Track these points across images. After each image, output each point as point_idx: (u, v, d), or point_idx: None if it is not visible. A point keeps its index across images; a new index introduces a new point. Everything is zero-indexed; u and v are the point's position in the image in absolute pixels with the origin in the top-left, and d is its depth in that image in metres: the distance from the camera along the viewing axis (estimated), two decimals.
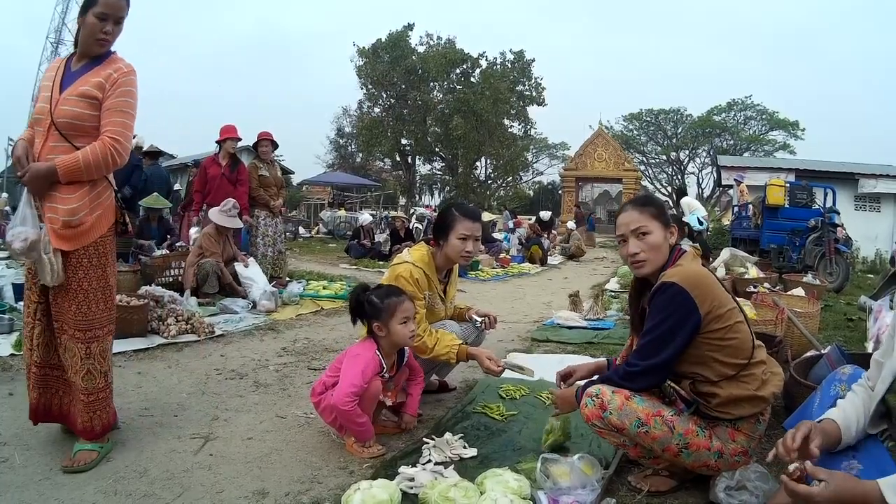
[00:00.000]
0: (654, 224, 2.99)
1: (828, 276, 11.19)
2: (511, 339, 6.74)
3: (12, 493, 2.96)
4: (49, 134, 3.25)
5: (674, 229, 3.04)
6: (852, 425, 2.31)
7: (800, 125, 52.28)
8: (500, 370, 3.87)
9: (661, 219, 3.01)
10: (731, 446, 2.81)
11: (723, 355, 2.79)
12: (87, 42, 3.32)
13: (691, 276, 2.82)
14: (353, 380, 3.40)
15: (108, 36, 3.33)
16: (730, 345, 2.79)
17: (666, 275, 2.87)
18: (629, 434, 2.84)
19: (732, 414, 2.80)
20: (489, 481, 2.85)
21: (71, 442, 3.43)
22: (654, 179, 59.87)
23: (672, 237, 3.03)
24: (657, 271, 2.99)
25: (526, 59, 42.13)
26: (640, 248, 2.99)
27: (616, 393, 2.85)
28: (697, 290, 2.78)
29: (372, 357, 3.52)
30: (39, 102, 3.29)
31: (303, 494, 3.01)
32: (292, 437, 3.77)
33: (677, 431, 2.80)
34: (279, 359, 5.68)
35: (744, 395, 2.77)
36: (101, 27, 3.27)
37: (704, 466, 2.85)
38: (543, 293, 11.09)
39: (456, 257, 4.16)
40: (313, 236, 25.80)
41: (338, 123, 54.20)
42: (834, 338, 6.28)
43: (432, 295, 4.14)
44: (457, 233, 4.10)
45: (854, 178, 24.41)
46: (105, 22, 3.27)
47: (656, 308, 2.85)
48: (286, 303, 8.35)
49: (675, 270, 2.88)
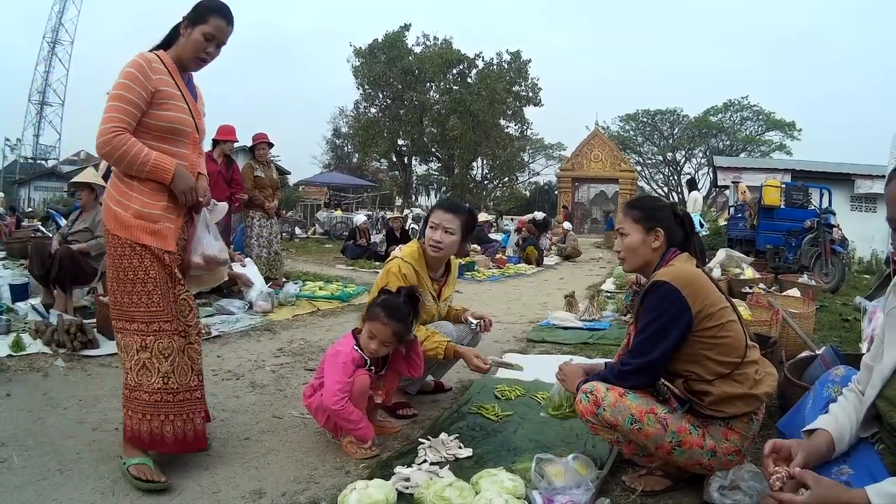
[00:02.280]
0: (632, 227, 3.14)
1: (824, 276, 11.21)
2: (507, 339, 6.76)
3: (10, 493, 2.97)
4: (195, 147, 3.46)
5: (658, 233, 3.09)
6: (846, 434, 2.31)
7: (796, 126, 52.44)
8: (487, 367, 3.96)
9: (645, 223, 3.11)
10: (724, 445, 2.82)
11: (715, 353, 2.81)
12: (187, 56, 3.29)
13: (683, 276, 2.87)
14: (336, 377, 3.43)
15: (209, 57, 3.33)
16: (722, 343, 2.82)
17: (657, 274, 2.94)
18: (623, 431, 2.85)
19: (726, 412, 2.81)
20: (484, 481, 2.87)
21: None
22: (650, 180, 59.97)
23: (657, 241, 3.09)
24: (645, 270, 3.14)
25: (522, 59, 42.10)
26: (620, 247, 3.21)
27: (610, 390, 2.88)
28: (689, 288, 2.82)
29: (350, 351, 3.54)
30: (178, 113, 3.27)
31: (299, 494, 3.02)
32: (289, 437, 3.79)
33: (670, 429, 2.81)
34: (276, 359, 5.69)
35: (737, 393, 2.78)
36: (205, 47, 3.27)
37: (697, 465, 2.86)
38: (539, 294, 11.10)
39: (428, 248, 4.22)
40: (309, 237, 25.77)
41: (334, 124, 54.21)
42: (829, 338, 6.31)
43: (423, 292, 4.15)
44: (429, 223, 4.22)
45: (850, 178, 24.40)
46: (210, 43, 3.27)
47: (648, 307, 2.90)
48: (282, 303, 8.35)
49: (667, 270, 2.94)
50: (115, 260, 3.22)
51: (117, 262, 3.20)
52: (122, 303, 3.21)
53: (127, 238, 3.17)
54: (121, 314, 3.23)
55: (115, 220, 3.20)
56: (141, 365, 3.15)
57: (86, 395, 4.40)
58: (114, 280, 3.25)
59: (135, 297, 3.18)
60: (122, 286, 3.21)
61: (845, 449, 2.31)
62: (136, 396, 3.14)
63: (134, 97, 3.10)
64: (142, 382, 3.14)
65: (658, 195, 48.83)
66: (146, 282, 3.19)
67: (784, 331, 5.25)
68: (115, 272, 3.23)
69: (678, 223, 3.15)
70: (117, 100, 3.09)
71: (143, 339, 3.17)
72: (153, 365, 3.16)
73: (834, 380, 2.69)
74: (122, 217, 3.18)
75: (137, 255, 3.18)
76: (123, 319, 3.22)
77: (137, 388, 3.14)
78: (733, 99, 54.25)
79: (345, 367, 3.46)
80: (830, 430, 2.31)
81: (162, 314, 3.21)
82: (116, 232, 3.19)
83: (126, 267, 3.19)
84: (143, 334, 3.17)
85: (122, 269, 3.20)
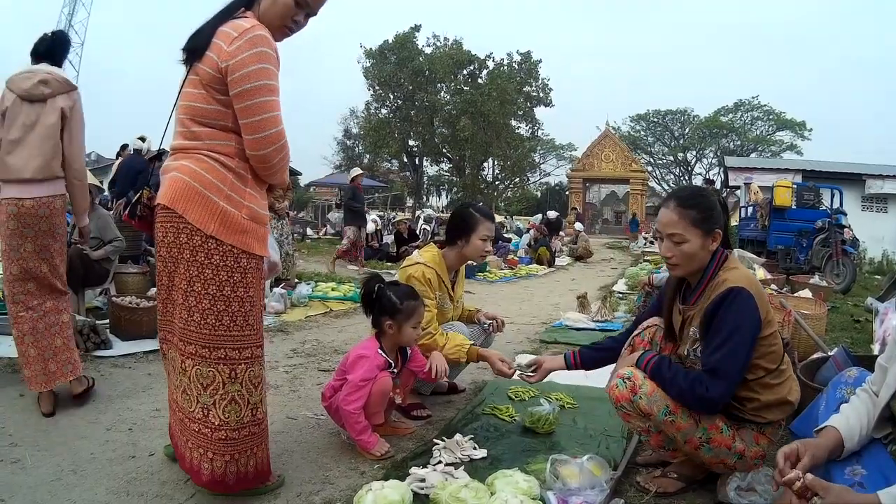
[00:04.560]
0: (691, 232, 2.83)
1: (835, 277, 11.19)
2: (519, 340, 6.77)
3: (24, 493, 2.98)
4: None
5: (717, 234, 2.87)
6: (856, 433, 2.30)
7: (806, 125, 52.26)
8: (511, 372, 3.84)
9: (704, 225, 2.84)
10: (753, 449, 2.81)
11: (766, 361, 2.77)
12: (273, 23, 2.79)
13: (751, 281, 2.79)
14: (358, 378, 3.42)
15: (296, 27, 2.89)
16: (772, 351, 2.79)
17: (730, 279, 2.76)
18: (656, 421, 2.83)
19: (765, 418, 2.80)
20: (499, 482, 2.87)
21: None
22: (661, 180, 59.85)
23: (714, 243, 2.88)
24: (695, 274, 2.93)
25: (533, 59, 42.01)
26: (674, 253, 2.89)
27: (647, 378, 2.84)
28: (759, 295, 2.74)
29: (375, 355, 3.54)
30: None
31: (314, 495, 3.03)
32: (303, 438, 3.80)
33: (702, 425, 2.80)
34: (289, 360, 5.72)
35: (777, 399, 2.79)
36: (295, 14, 2.82)
37: (721, 464, 2.85)
38: (551, 294, 11.11)
39: (476, 257, 4.28)
40: (321, 238, 25.79)
41: (345, 125, 54.33)
42: (841, 340, 6.29)
43: (442, 295, 4.19)
44: (479, 234, 4.21)
45: (861, 178, 24.27)
46: (300, 9, 2.82)
47: (726, 318, 2.70)
48: (295, 304, 8.39)
49: (738, 275, 2.78)
50: (211, 272, 2.72)
51: (214, 274, 2.72)
52: (209, 325, 2.73)
53: (237, 246, 2.74)
54: (202, 338, 2.73)
55: (221, 222, 2.71)
56: (229, 399, 2.76)
57: (99, 396, 4.41)
58: (200, 295, 2.73)
59: (228, 318, 2.75)
60: (214, 304, 2.72)
61: (855, 448, 2.31)
62: (222, 436, 2.76)
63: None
64: (229, 420, 2.76)
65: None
66: (244, 300, 2.78)
67: (796, 332, 5.24)
68: (205, 286, 2.72)
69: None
70: (277, 94, 2.72)
71: (233, 370, 2.77)
72: (243, 397, 2.79)
73: (847, 381, 2.68)
74: (233, 218, 2.73)
75: (241, 268, 2.76)
76: (200, 345, 2.74)
77: (224, 426, 2.75)
78: (744, 99, 54.34)
79: (369, 370, 3.46)
80: (840, 428, 2.31)
81: (256, 338, 2.85)
82: (222, 237, 2.71)
83: (224, 281, 2.73)
84: (234, 363, 2.77)
85: (219, 285, 2.73)
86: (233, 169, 2.76)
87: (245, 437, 2.82)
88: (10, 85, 4.04)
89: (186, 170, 2.74)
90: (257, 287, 2.84)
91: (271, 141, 2.70)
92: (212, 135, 2.75)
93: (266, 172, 2.82)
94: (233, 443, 2.78)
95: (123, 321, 5.96)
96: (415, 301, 3.64)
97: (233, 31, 2.66)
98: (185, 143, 2.80)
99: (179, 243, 2.73)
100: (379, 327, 3.65)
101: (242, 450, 2.81)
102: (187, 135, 2.79)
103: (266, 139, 2.69)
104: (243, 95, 2.64)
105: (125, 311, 5.99)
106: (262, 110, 2.66)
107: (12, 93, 4.01)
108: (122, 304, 6.07)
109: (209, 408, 2.75)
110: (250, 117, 2.67)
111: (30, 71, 4.08)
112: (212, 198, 2.70)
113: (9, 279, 4.07)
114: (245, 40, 2.63)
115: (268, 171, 2.81)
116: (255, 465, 2.88)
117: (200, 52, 2.71)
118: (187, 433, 2.83)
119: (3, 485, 3.05)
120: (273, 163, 2.77)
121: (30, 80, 4.02)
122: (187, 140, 2.79)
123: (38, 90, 4.02)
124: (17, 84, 4.02)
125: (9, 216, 3.98)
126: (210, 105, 2.73)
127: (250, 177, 2.81)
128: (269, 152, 2.72)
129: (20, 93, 4.01)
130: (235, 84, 2.63)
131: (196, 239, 2.70)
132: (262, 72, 2.65)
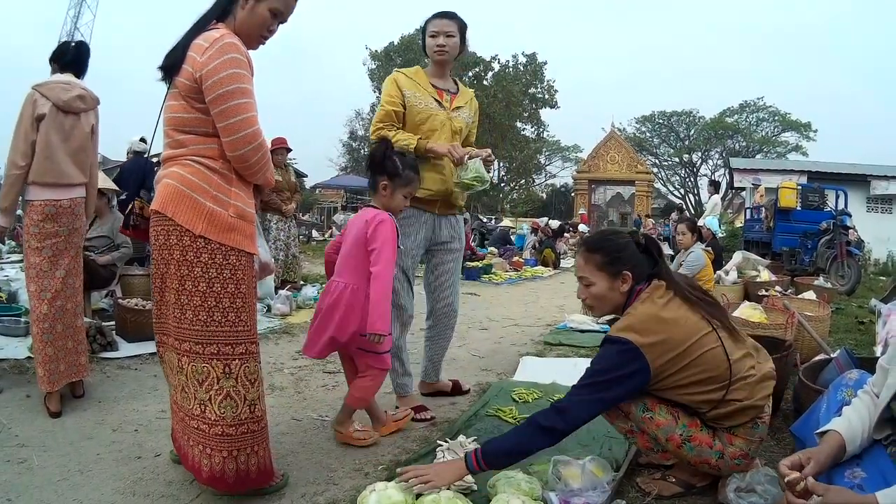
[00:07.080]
0: (597, 276, 2.95)
1: (839, 278, 11.16)
2: (524, 342, 6.77)
3: (31, 493, 3.00)
4: None
5: (626, 277, 2.91)
6: (857, 437, 2.31)
7: (812, 126, 52.13)
8: (460, 155, 4.00)
9: (609, 268, 2.93)
10: (730, 449, 2.80)
11: (699, 388, 2.75)
12: (250, 34, 2.91)
13: (644, 322, 2.75)
14: (388, 253, 3.57)
15: (270, 35, 3.01)
16: (702, 378, 2.74)
17: (616, 328, 2.80)
18: (635, 419, 2.84)
19: (727, 424, 2.80)
20: (501, 483, 2.88)
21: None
22: (666, 182, 59.78)
23: (625, 284, 2.92)
24: (617, 313, 2.98)
25: (538, 61, 42.09)
26: (586, 295, 3.04)
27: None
28: (651, 336, 2.71)
29: (389, 220, 3.66)
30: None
31: (319, 496, 3.04)
32: (308, 439, 3.82)
33: (681, 422, 2.80)
34: (294, 362, 5.73)
35: (733, 409, 2.76)
36: (270, 24, 2.94)
37: (706, 464, 2.84)
38: (556, 296, 11.12)
39: (432, 54, 4.31)
40: (327, 239, 25.81)
41: (350, 126, 54.28)
42: (844, 341, 6.28)
43: (421, 96, 4.24)
44: (428, 33, 4.31)
45: (866, 179, 24.17)
46: (275, 20, 2.94)
47: (601, 357, 2.79)
48: (301, 306, 8.39)
49: (627, 323, 2.80)
50: (200, 270, 2.80)
51: (203, 272, 2.80)
52: (201, 321, 2.80)
53: (225, 244, 2.83)
54: (195, 335, 2.81)
55: (209, 221, 2.80)
56: (224, 395, 2.83)
57: (105, 397, 4.45)
58: (192, 293, 2.81)
59: (220, 314, 2.81)
60: (205, 301, 2.80)
61: (857, 451, 2.32)
62: (219, 431, 2.81)
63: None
64: (225, 415, 2.81)
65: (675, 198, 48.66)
66: (235, 296, 2.85)
67: (799, 334, 5.25)
68: (195, 284, 2.80)
69: (643, 250, 3.01)
70: (250, 96, 2.82)
71: (227, 365, 2.83)
72: (239, 393, 2.85)
73: (848, 383, 2.69)
74: (220, 217, 2.82)
75: (231, 265, 2.84)
76: (194, 341, 2.82)
77: (220, 421, 2.81)
78: (749, 100, 54.03)
79: (393, 241, 3.61)
80: (842, 432, 2.32)
81: (249, 334, 2.90)
82: (210, 235, 2.80)
83: (213, 278, 2.80)
84: (227, 358, 2.83)
85: (209, 281, 2.80)
86: (217, 170, 2.86)
87: (243, 434, 2.86)
88: (45, 92, 4.14)
89: (175, 175, 2.85)
90: (248, 284, 2.92)
91: (247, 141, 2.80)
92: (195, 140, 2.86)
93: (247, 172, 2.92)
94: (230, 439, 2.82)
95: (129, 323, 5.99)
96: (415, 174, 3.80)
97: (204, 42, 2.78)
98: (172, 153, 2.91)
99: (170, 245, 2.83)
100: (374, 188, 3.79)
101: (241, 447, 2.85)
102: (173, 144, 2.91)
103: (242, 139, 2.79)
104: (218, 100, 2.75)
105: (131, 313, 6.02)
106: (236, 112, 2.76)
107: (47, 100, 4.12)
108: (128, 307, 6.10)
109: (206, 404, 2.82)
110: (226, 120, 2.77)
111: (67, 83, 4.23)
112: (199, 199, 2.81)
113: (38, 276, 4.19)
114: (216, 49, 2.75)
115: (248, 170, 2.90)
116: (257, 464, 2.91)
117: (177, 66, 2.83)
118: (188, 431, 2.90)
119: (10, 485, 3.08)
120: (252, 162, 2.86)
121: (68, 92, 4.18)
122: (174, 149, 2.91)
123: (76, 104, 4.22)
124: (56, 94, 4.14)
125: (45, 217, 4.15)
126: (190, 114, 2.84)
127: (234, 177, 2.90)
128: (247, 152, 2.82)
129: (59, 103, 4.14)
130: (210, 90, 2.75)
131: (185, 239, 2.80)
132: (234, 76, 2.75)
